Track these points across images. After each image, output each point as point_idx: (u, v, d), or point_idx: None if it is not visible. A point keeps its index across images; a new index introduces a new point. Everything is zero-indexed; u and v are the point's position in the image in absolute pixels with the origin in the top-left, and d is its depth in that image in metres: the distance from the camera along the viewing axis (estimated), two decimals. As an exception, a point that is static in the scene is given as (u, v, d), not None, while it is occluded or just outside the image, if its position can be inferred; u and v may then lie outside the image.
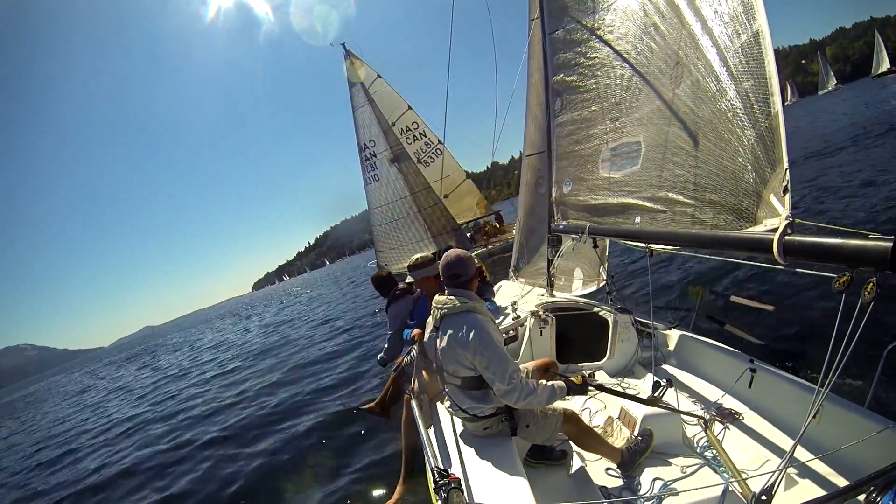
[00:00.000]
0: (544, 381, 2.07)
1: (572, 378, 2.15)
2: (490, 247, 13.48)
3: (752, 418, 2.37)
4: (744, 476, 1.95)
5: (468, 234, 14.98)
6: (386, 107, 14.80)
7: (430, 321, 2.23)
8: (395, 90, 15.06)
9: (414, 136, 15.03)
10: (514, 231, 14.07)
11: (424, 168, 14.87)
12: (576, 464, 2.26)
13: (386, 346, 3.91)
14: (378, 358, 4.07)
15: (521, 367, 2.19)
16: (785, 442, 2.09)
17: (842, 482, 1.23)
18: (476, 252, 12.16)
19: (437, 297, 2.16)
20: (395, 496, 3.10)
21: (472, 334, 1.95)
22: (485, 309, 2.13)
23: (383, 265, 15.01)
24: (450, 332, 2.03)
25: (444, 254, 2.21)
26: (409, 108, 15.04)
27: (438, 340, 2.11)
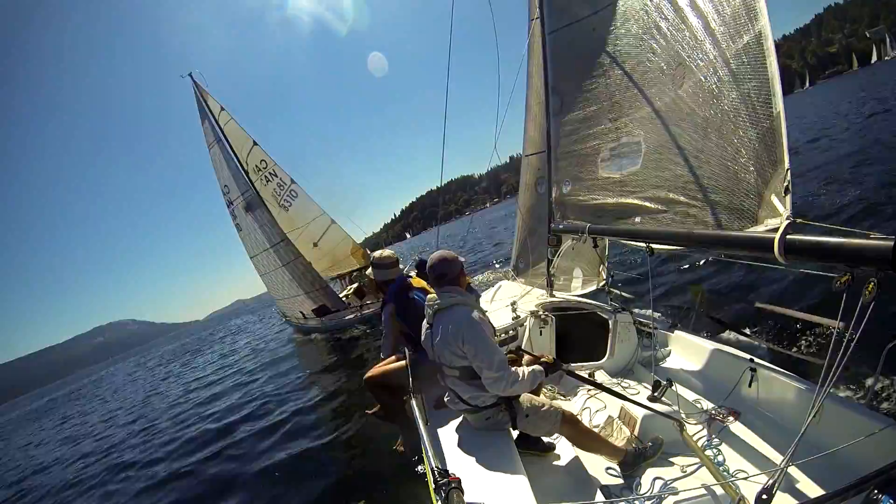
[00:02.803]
0: (524, 368, 2.14)
1: (543, 359, 2.33)
2: (366, 307, 10.88)
3: (752, 417, 2.37)
4: (741, 477, 1.95)
5: (359, 285, 12.50)
6: (235, 144, 12.86)
7: (424, 321, 2.29)
8: (240, 124, 13.11)
9: (265, 176, 13.04)
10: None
11: (285, 213, 12.91)
12: (576, 463, 2.27)
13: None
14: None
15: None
16: (785, 441, 2.09)
17: (842, 481, 1.23)
18: (348, 317, 10.80)
19: (429, 296, 2.26)
20: (377, 408, 3.12)
21: (461, 325, 2.04)
22: (474, 302, 2.20)
23: (282, 312, 13.78)
24: (442, 326, 2.11)
25: (430, 256, 2.29)
26: (255, 143, 13.01)
27: (433, 337, 2.17)
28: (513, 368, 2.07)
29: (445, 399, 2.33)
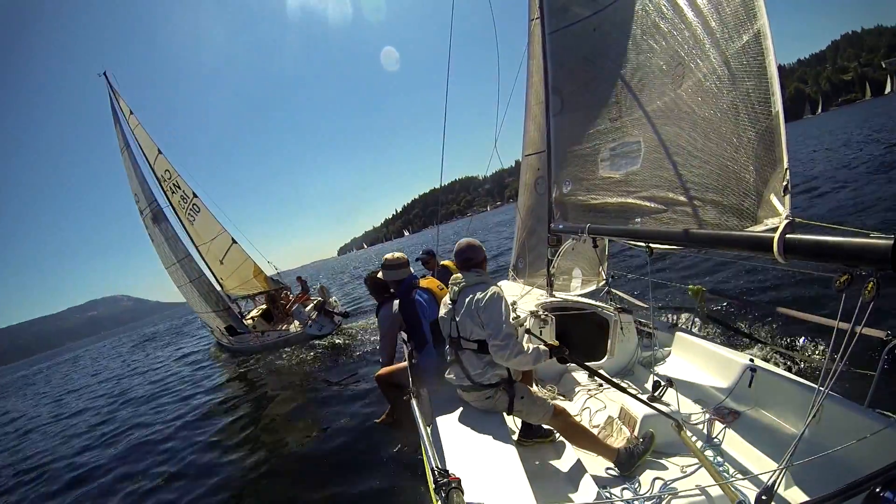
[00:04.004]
0: (529, 344, 2.27)
1: (551, 343, 2.41)
2: (268, 333, 10.45)
3: (752, 418, 2.37)
4: (741, 477, 1.95)
5: (268, 308, 11.93)
6: (145, 151, 12.18)
7: (446, 299, 2.45)
8: (146, 131, 12.30)
9: (170, 187, 12.19)
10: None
11: (191, 227, 12.23)
12: (576, 464, 2.26)
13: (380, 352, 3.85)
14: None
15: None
16: (785, 441, 2.09)
17: (842, 482, 1.23)
18: (250, 342, 10.49)
19: (454, 276, 2.42)
20: (384, 416, 3.30)
21: (484, 296, 2.21)
22: (495, 283, 2.38)
23: (206, 324, 13.17)
24: (467, 299, 2.27)
25: (458, 242, 2.48)
26: (160, 152, 12.14)
27: (457, 311, 2.31)
28: (518, 339, 2.19)
29: (449, 376, 2.42)
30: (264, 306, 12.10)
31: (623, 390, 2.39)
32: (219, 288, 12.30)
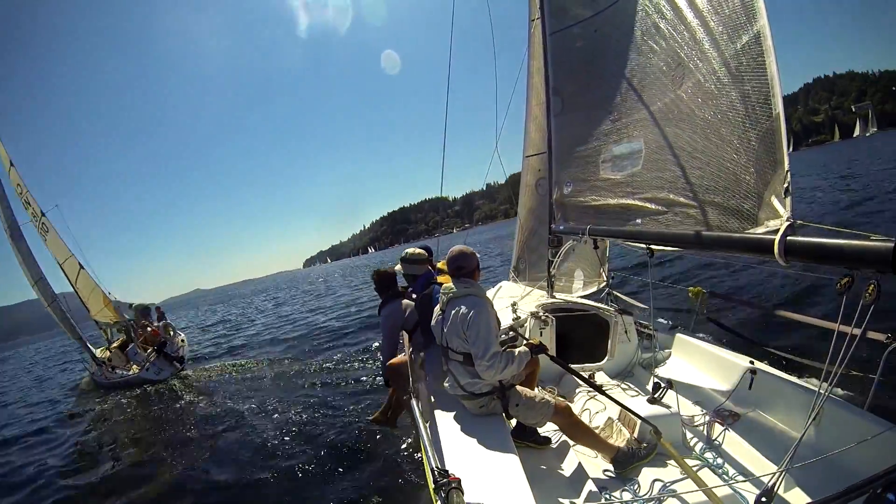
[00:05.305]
0: (514, 351, 2.29)
1: (531, 341, 2.50)
2: (116, 371, 9.37)
3: (752, 420, 2.37)
4: (740, 479, 1.94)
5: (125, 340, 10.60)
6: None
7: (437, 307, 2.44)
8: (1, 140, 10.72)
9: (24, 203, 10.92)
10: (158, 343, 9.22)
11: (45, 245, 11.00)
12: (576, 465, 2.26)
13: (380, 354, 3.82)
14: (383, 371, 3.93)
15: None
16: (785, 443, 2.09)
17: (842, 484, 1.23)
18: (101, 376, 9.59)
19: (444, 285, 2.41)
20: (377, 414, 3.38)
21: (470, 312, 2.21)
22: (485, 294, 2.37)
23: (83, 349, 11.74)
24: (453, 312, 2.27)
25: (450, 249, 2.47)
26: (12, 164, 10.80)
27: (444, 322, 2.32)
28: (502, 354, 2.21)
29: (445, 385, 2.43)
30: (121, 337, 11.03)
31: (610, 398, 2.40)
32: (86, 312, 11.23)
